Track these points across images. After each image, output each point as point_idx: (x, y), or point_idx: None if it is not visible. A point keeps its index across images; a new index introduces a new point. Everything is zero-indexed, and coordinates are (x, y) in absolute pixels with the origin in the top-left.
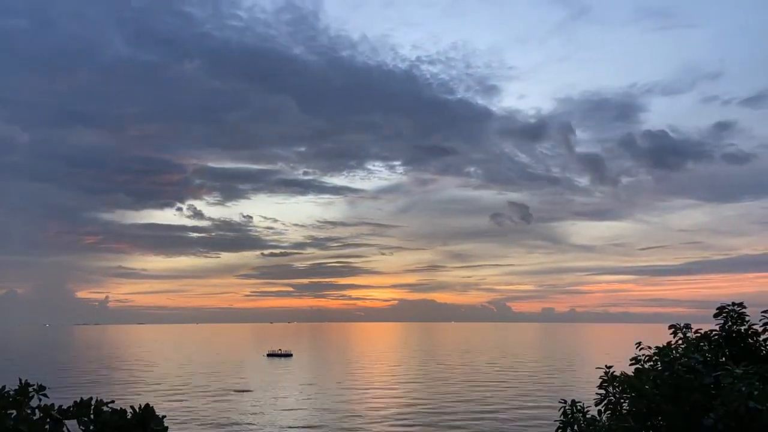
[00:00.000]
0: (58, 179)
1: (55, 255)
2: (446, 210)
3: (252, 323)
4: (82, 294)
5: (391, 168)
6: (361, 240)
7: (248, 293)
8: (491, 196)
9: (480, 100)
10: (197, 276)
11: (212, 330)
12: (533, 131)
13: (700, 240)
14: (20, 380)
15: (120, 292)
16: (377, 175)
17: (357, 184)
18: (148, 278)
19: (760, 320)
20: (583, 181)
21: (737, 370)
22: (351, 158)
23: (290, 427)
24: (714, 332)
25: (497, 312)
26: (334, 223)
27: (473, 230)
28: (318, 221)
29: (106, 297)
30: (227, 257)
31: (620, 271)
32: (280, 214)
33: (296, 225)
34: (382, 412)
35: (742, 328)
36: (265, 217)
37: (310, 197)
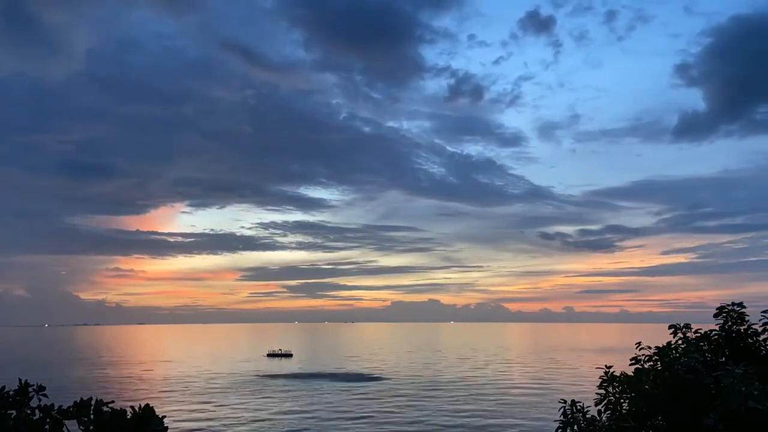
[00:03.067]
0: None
1: (54, 256)
2: (428, 215)
3: (252, 324)
4: (81, 295)
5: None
6: (354, 243)
7: (247, 294)
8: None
9: None
10: (195, 278)
11: (223, 330)
12: None
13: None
14: (20, 380)
15: (119, 293)
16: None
17: (333, 195)
18: (147, 279)
19: (760, 320)
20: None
21: (737, 370)
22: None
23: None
24: (714, 332)
25: (494, 312)
26: (324, 228)
27: (459, 234)
28: (308, 226)
29: (105, 298)
30: (225, 259)
31: (612, 273)
32: (269, 219)
33: (287, 230)
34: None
35: (742, 328)
36: (255, 223)
37: (293, 205)
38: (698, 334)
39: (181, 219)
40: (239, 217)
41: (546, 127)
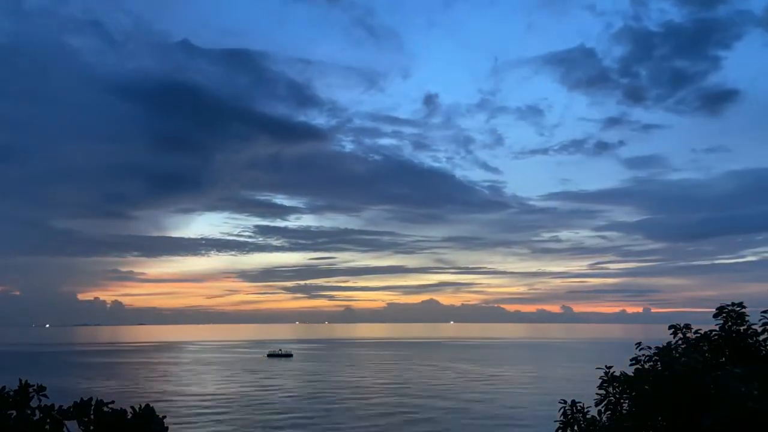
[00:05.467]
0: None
1: (51, 258)
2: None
3: (254, 324)
4: (80, 296)
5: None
6: (350, 246)
7: (246, 296)
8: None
9: None
10: (193, 279)
11: (234, 331)
12: None
13: None
14: (20, 380)
15: (117, 294)
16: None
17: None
18: (145, 281)
19: (760, 320)
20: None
21: (737, 371)
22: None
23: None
24: (714, 332)
25: (492, 313)
26: (321, 232)
27: (450, 238)
28: (306, 229)
29: (103, 299)
30: (222, 262)
31: (603, 275)
32: (253, 224)
33: (277, 234)
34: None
35: (742, 328)
36: (243, 227)
37: (274, 212)
38: (698, 335)
39: (172, 223)
40: (226, 222)
41: None
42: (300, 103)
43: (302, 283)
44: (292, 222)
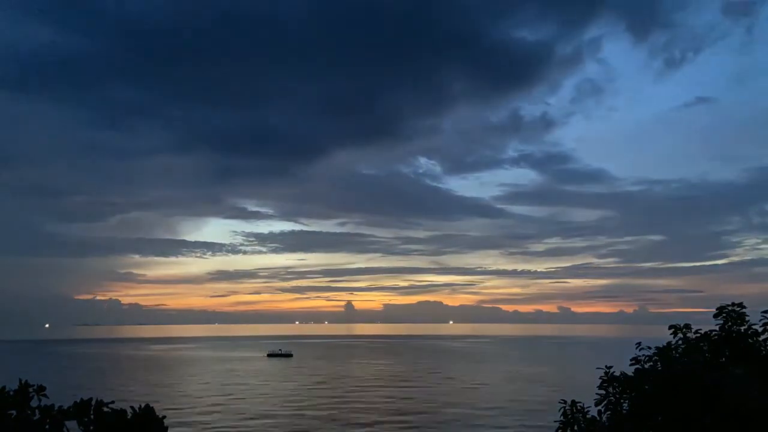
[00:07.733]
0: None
1: (49, 258)
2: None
3: (254, 324)
4: (77, 296)
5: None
6: (348, 247)
7: (245, 297)
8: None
9: None
10: (192, 280)
11: (242, 331)
12: None
13: None
14: (20, 380)
15: (115, 295)
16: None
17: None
18: (144, 282)
19: (760, 320)
20: None
21: (737, 371)
22: None
23: None
24: (714, 332)
25: (490, 314)
26: (318, 233)
27: (447, 240)
28: (303, 231)
29: (101, 299)
30: (219, 263)
31: (597, 276)
32: (241, 228)
33: (278, 238)
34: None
35: (742, 328)
36: (235, 231)
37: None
38: (698, 335)
39: (169, 226)
40: (220, 227)
41: None
42: None
43: (300, 284)
44: (287, 225)
